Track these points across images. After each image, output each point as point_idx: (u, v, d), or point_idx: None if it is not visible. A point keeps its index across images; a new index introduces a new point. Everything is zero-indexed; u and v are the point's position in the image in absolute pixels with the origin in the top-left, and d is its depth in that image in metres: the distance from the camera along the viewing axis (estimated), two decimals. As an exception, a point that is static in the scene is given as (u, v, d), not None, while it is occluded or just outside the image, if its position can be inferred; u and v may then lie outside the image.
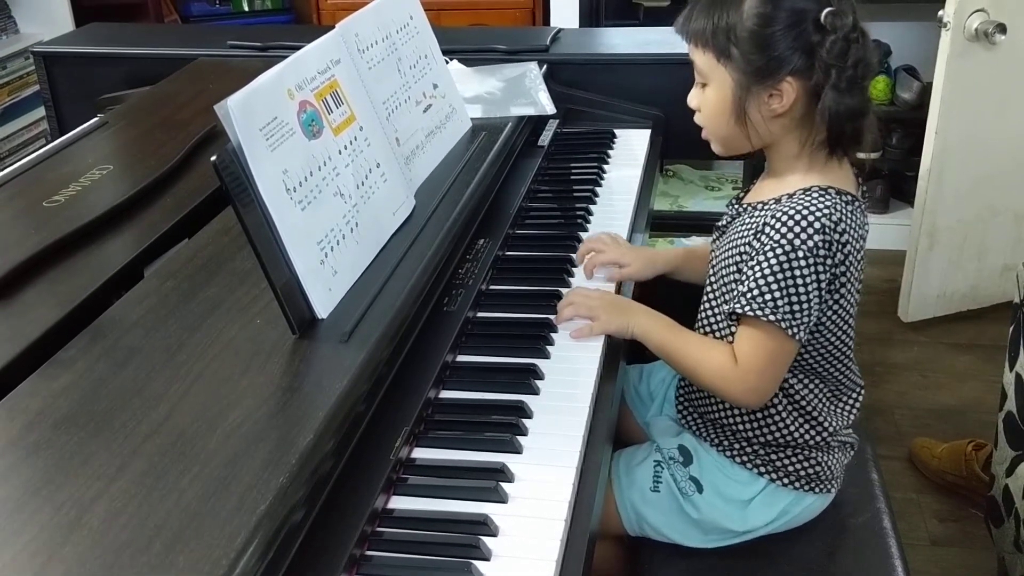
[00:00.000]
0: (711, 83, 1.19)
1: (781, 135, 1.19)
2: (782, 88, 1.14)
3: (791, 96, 1.14)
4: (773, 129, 1.18)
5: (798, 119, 1.17)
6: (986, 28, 2.34)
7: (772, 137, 1.20)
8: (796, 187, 1.17)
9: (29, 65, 3.18)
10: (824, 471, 1.27)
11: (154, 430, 0.85)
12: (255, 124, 0.97)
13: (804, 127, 1.17)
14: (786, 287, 1.12)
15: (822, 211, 1.12)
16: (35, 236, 1.19)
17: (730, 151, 1.25)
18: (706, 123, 1.23)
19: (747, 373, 1.17)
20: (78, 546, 0.73)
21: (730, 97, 1.17)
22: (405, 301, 1.08)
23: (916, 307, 2.68)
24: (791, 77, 1.13)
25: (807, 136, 1.17)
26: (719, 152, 1.26)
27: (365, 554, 0.89)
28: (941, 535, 1.97)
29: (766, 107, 1.16)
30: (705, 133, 1.25)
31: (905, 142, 3.00)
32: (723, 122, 1.20)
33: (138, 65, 1.98)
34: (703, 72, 1.20)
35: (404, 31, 1.42)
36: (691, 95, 1.25)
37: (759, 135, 1.19)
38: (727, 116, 1.19)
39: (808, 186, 1.16)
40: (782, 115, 1.16)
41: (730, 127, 1.19)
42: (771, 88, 1.14)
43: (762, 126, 1.18)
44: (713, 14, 1.16)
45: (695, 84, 1.23)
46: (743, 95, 1.16)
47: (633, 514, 1.29)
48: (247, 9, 3.69)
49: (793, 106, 1.15)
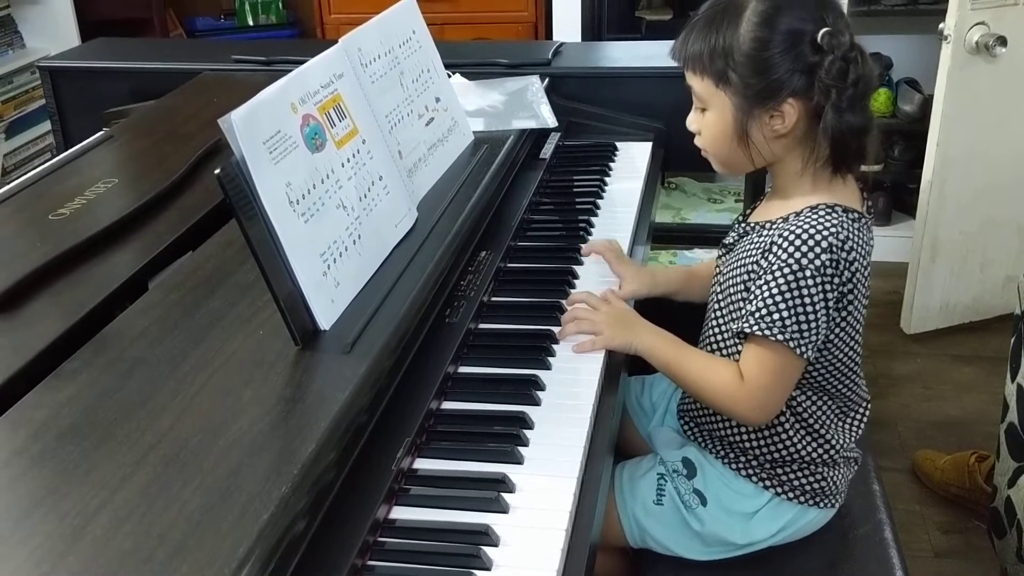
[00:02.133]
0: (711, 108, 1.19)
1: (784, 154, 1.19)
2: (783, 109, 1.14)
3: (792, 117, 1.14)
4: (776, 149, 1.18)
5: (800, 138, 1.17)
6: (987, 41, 2.35)
7: (774, 157, 1.20)
8: (802, 205, 1.17)
9: (35, 80, 3.21)
10: (829, 486, 1.27)
11: (158, 441, 0.86)
12: (258, 138, 0.98)
13: (806, 145, 1.17)
14: (794, 306, 1.12)
15: (829, 230, 1.12)
16: (41, 248, 1.20)
17: (732, 171, 1.25)
18: (707, 146, 1.23)
19: (754, 391, 1.17)
20: (82, 555, 0.74)
21: (731, 121, 1.17)
22: (407, 313, 1.08)
23: (919, 319, 2.68)
24: (792, 98, 1.13)
25: (809, 154, 1.17)
26: (721, 171, 1.26)
27: (367, 564, 0.89)
28: (944, 547, 1.97)
29: (768, 128, 1.16)
30: (706, 154, 1.25)
31: (907, 154, 3.01)
32: (725, 145, 1.20)
33: (143, 79, 2.00)
34: (702, 98, 1.20)
35: (407, 45, 1.43)
36: (690, 119, 1.24)
37: (762, 155, 1.19)
38: (729, 139, 1.19)
39: (814, 204, 1.16)
40: (784, 135, 1.16)
41: (732, 149, 1.20)
42: (772, 110, 1.14)
43: (764, 147, 1.18)
44: (709, 39, 1.16)
45: (694, 108, 1.23)
46: (744, 118, 1.16)
47: (636, 526, 1.29)
48: (251, 24, 3.72)
49: (795, 126, 1.15)
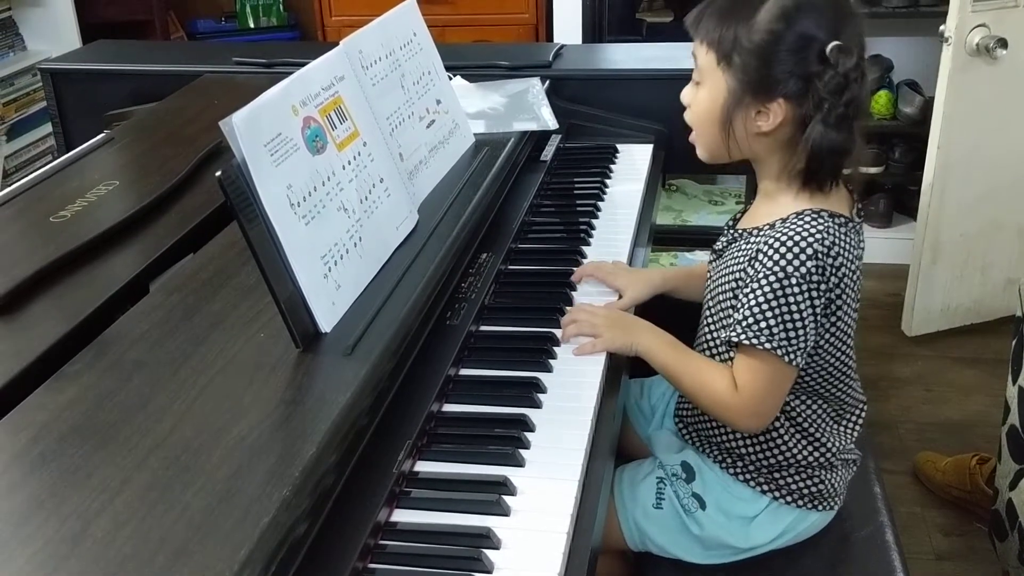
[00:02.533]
0: (705, 83, 1.20)
1: (763, 155, 1.20)
2: (771, 108, 1.14)
3: (778, 117, 1.14)
4: (755, 147, 1.19)
5: (782, 143, 1.17)
6: (987, 43, 2.35)
7: (752, 154, 1.20)
8: (789, 211, 1.17)
9: (36, 82, 3.21)
10: (827, 489, 1.27)
11: (158, 443, 0.86)
12: (259, 140, 0.98)
13: (786, 152, 1.17)
14: (781, 314, 1.12)
15: (814, 236, 1.12)
16: (42, 251, 1.20)
17: (713, 159, 1.24)
18: (693, 122, 1.24)
19: (747, 400, 1.17)
20: (82, 558, 0.73)
21: (720, 103, 1.17)
22: (408, 315, 1.08)
23: (920, 321, 2.68)
24: (783, 99, 1.13)
25: (787, 161, 1.17)
26: (703, 158, 1.25)
27: (368, 567, 0.89)
28: (946, 549, 1.96)
29: (752, 123, 1.16)
30: (692, 136, 1.25)
31: (907, 156, 3.01)
32: (708, 126, 1.20)
33: (144, 81, 2.00)
34: (702, 70, 1.20)
35: (408, 47, 1.43)
36: (685, 91, 1.25)
37: (739, 149, 1.19)
38: (713, 121, 1.19)
39: (800, 210, 1.16)
40: (766, 134, 1.16)
41: (713, 133, 1.20)
42: (760, 105, 1.14)
43: (744, 141, 1.18)
44: (726, 16, 1.15)
45: (691, 81, 1.23)
46: (733, 105, 1.16)
47: (636, 530, 1.29)
48: (252, 26, 3.72)
49: (778, 129, 1.15)
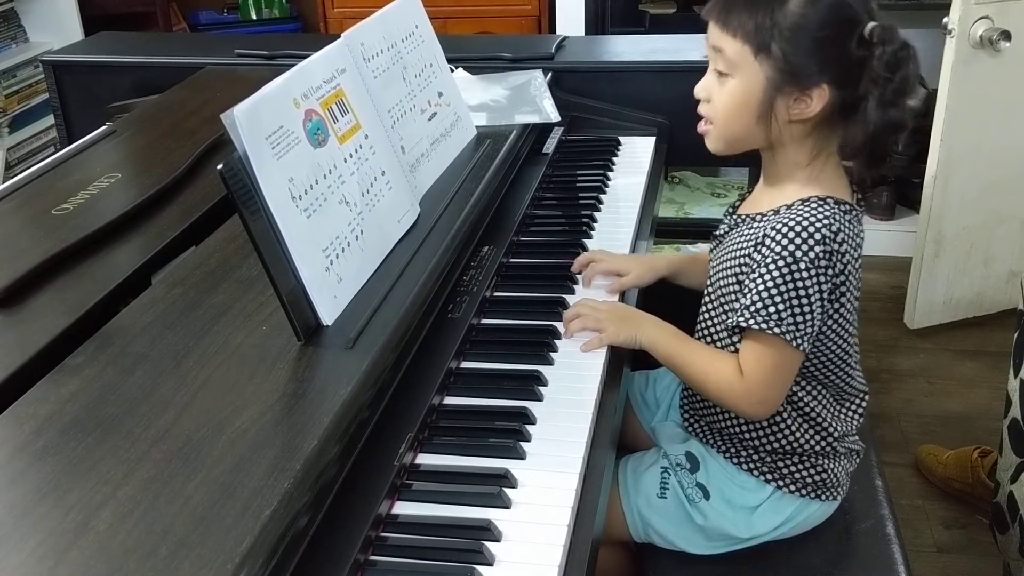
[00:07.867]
0: (737, 76, 1.14)
1: (792, 142, 1.17)
2: (812, 94, 1.12)
3: (820, 103, 1.12)
4: (788, 133, 1.16)
5: (813, 127, 1.15)
6: (991, 35, 2.34)
7: (789, 140, 1.17)
8: (794, 197, 1.17)
9: (38, 74, 3.21)
10: (830, 478, 1.27)
11: (160, 436, 0.86)
12: (261, 133, 0.98)
13: (818, 136, 1.16)
14: (789, 299, 1.12)
15: (822, 221, 1.12)
16: (44, 243, 1.20)
17: (730, 150, 1.21)
18: (718, 116, 1.18)
19: (753, 386, 1.17)
20: (85, 551, 0.74)
21: (758, 94, 1.13)
22: (410, 308, 1.08)
23: (922, 314, 2.67)
24: (826, 84, 1.11)
25: (817, 145, 1.16)
26: (717, 150, 1.21)
27: (369, 559, 0.89)
28: (947, 542, 1.97)
29: (790, 110, 1.14)
30: (705, 126, 1.21)
31: (911, 149, 2.99)
32: (740, 118, 1.16)
33: (146, 74, 2.00)
34: (733, 63, 1.14)
35: (409, 40, 1.43)
36: (701, 85, 1.20)
37: (768, 137, 1.17)
38: (748, 113, 1.15)
39: (806, 196, 1.16)
40: (803, 121, 1.14)
41: (746, 124, 1.16)
42: (800, 91, 1.12)
43: (776, 128, 1.15)
44: (757, 5, 1.11)
45: (709, 72, 1.18)
46: (773, 94, 1.13)
47: (639, 520, 1.29)
48: (255, 18, 3.72)
49: (817, 114, 1.13)
